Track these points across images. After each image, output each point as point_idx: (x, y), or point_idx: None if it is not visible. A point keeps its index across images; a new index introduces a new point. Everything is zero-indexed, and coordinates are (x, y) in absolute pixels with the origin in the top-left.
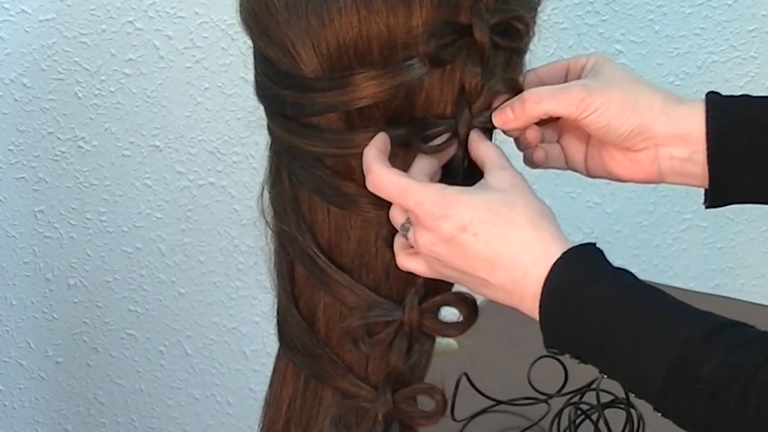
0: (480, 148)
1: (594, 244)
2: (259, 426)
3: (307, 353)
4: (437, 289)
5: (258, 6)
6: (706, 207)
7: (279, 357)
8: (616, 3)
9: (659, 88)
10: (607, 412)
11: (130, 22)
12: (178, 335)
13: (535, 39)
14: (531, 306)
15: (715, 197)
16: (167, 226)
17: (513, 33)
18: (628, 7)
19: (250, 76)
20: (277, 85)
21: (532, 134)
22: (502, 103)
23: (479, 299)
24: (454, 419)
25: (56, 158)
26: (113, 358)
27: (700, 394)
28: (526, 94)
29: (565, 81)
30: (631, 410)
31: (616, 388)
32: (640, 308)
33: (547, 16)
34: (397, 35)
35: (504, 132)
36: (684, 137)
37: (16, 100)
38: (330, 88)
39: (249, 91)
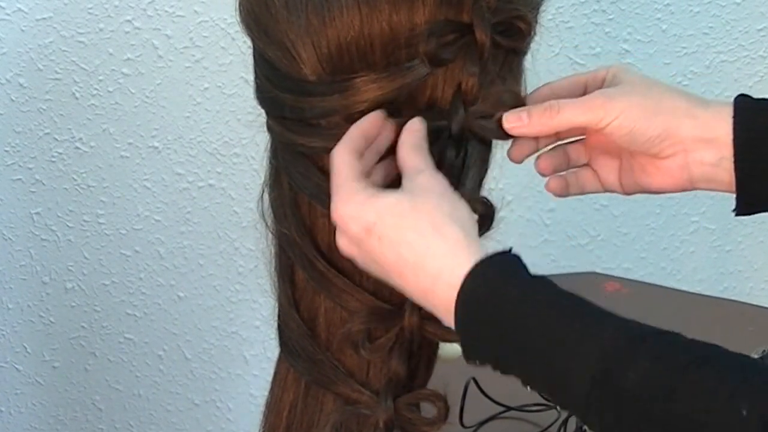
0: (401, 150)
1: (510, 250)
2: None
3: (308, 358)
4: None
5: (257, 5)
6: (736, 215)
7: (280, 361)
8: (622, 1)
9: (683, 90)
10: None
11: (129, 21)
12: (177, 339)
13: (541, 38)
14: (445, 317)
15: (744, 205)
16: (166, 228)
17: (514, 33)
18: (635, 6)
19: (251, 76)
20: (277, 87)
21: (542, 165)
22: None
23: None
24: (462, 425)
25: (53, 159)
26: (111, 362)
27: (625, 407)
28: (548, 102)
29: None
30: None
31: None
32: (560, 318)
33: (552, 15)
34: (400, 34)
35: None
36: (712, 141)
37: (12, 100)
38: (330, 92)
39: (249, 92)
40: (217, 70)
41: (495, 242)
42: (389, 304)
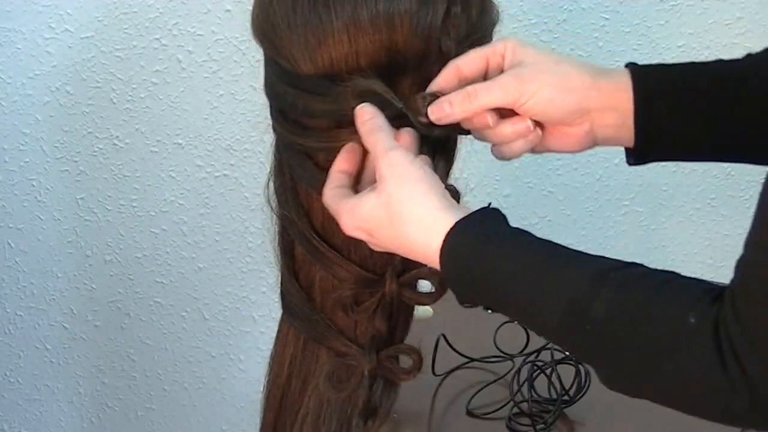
0: (363, 139)
1: (493, 208)
2: (265, 379)
3: (305, 318)
4: (414, 264)
5: (266, 25)
6: (630, 164)
7: (282, 321)
8: (566, 23)
9: (582, 62)
10: (559, 367)
11: (157, 39)
12: (197, 303)
13: None
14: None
15: (639, 156)
16: (188, 210)
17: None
18: (576, 27)
19: (259, 84)
20: (282, 82)
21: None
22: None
23: None
24: (434, 374)
25: (95, 154)
26: (143, 322)
27: (593, 334)
28: (465, 89)
29: (487, 70)
30: (579, 366)
31: None
32: (537, 260)
33: (509, 33)
34: (382, 51)
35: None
36: (616, 107)
37: (60, 105)
38: (324, 95)
39: (257, 97)
40: (230, 80)
41: None
42: (373, 274)
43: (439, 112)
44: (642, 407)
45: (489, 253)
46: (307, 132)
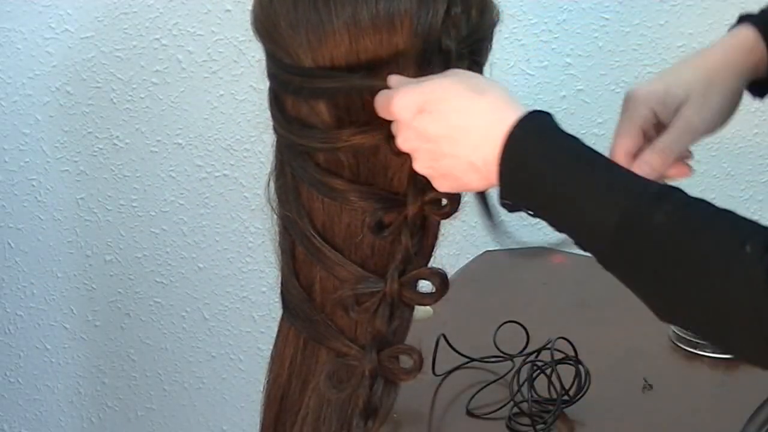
0: (405, 95)
1: (548, 112)
2: (265, 379)
3: (305, 318)
4: (415, 264)
5: (267, 23)
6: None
7: (282, 321)
8: (566, 23)
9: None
10: (559, 367)
11: (157, 39)
12: (198, 303)
13: (499, 53)
14: (492, 167)
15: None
16: (188, 210)
17: (479, 50)
18: (576, 27)
19: (259, 84)
20: (286, 72)
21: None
22: None
23: (450, 273)
24: (434, 374)
25: (95, 154)
26: (143, 322)
27: (651, 241)
28: (658, 148)
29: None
30: (579, 366)
31: (567, 348)
32: (594, 165)
33: (508, 34)
34: (382, 50)
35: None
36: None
37: (61, 105)
38: (329, 78)
39: (257, 97)
40: (230, 80)
41: (461, 222)
42: (374, 274)
43: (644, 170)
44: (642, 407)
45: (548, 148)
46: (308, 132)
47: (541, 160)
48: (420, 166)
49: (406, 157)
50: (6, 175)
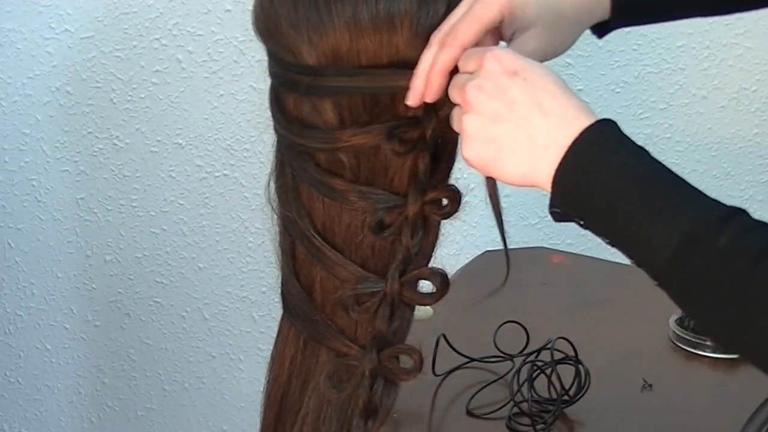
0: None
1: (613, 120)
2: (265, 379)
3: (306, 318)
4: (415, 265)
5: (268, 22)
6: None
7: (282, 321)
8: None
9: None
10: (559, 367)
11: (157, 39)
12: (198, 303)
13: None
14: (550, 157)
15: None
16: (188, 210)
17: None
18: None
19: (259, 84)
20: (288, 71)
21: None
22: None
23: (450, 273)
24: (434, 374)
25: (95, 154)
26: (143, 322)
27: (714, 261)
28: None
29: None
30: (579, 366)
31: (567, 348)
32: (661, 180)
33: None
34: (383, 50)
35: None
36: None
37: (61, 105)
38: (332, 75)
39: (257, 97)
40: (230, 80)
41: (461, 222)
42: (374, 274)
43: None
44: (642, 407)
45: (615, 159)
46: (309, 132)
47: (606, 169)
48: (470, 120)
49: (407, 157)
50: (6, 175)
